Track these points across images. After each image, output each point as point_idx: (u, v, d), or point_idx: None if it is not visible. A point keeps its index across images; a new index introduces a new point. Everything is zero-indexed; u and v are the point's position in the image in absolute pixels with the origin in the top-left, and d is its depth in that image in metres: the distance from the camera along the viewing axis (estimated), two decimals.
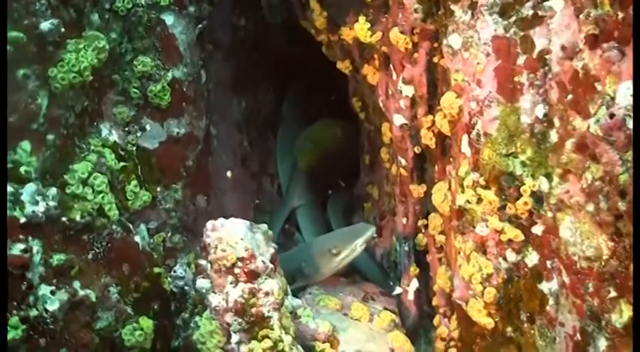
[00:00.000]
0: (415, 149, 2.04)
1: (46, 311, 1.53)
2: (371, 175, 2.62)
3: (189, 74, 2.07)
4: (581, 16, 1.36)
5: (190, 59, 2.08)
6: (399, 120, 2.04)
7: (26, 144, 1.63)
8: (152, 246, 1.96)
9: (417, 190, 2.10)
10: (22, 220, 1.53)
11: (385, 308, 2.06)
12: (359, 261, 2.31)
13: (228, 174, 2.45)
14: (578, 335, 1.47)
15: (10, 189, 1.55)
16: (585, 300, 1.42)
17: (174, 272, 1.92)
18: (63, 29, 1.68)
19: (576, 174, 1.42)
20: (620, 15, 1.27)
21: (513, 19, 1.55)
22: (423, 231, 2.15)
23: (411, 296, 2.18)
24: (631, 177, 1.25)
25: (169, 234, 2.03)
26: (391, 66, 2.00)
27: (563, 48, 1.42)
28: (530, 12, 1.52)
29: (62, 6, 1.72)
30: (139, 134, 1.98)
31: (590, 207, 1.37)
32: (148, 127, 2.00)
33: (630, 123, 1.24)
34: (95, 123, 1.88)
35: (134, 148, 1.97)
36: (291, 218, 2.72)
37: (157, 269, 1.87)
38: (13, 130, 1.60)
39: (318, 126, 2.80)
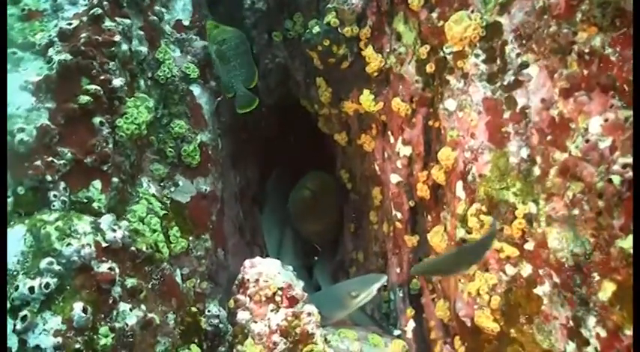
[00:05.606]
0: (410, 203, 2.53)
1: (127, 325, 1.79)
2: (355, 241, 3.06)
3: (212, 139, 2.51)
4: (555, 75, 1.97)
5: (212, 126, 2.53)
6: (395, 178, 2.54)
7: (97, 183, 1.98)
8: (185, 290, 2.24)
9: (411, 240, 2.57)
10: (104, 245, 1.83)
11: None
12: (354, 315, 2.67)
13: None
14: (570, 322, 1.91)
15: (89, 219, 1.87)
16: (575, 292, 1.89)
17: (209, 311, 2.20)
18: (126, 87, 2.10)
19: (559, 195, 1.96)
20: (586, 72, 1.88)
21: (498, 84, 2.13)
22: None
23: (409, 335, 2.56)
24: (609, 184, 1.79)
25: (198, 281, 2.32)
26: (389, 132, 2.54)
27: (542, 100, 2.01)
28: (512, 78, 2.09)
29: (122, 69, 2.14)
30: (172, 189, 2.35)
31: (576, 211, 1.88)
32: (180, 183, 2.38)
33: (601, 145, 1.81)
34: (139, 177, 2.23)
35: (168, 202, 2.32)
36: None
37: (193, 309, 2.17)
38: (89, 169, 1.95)
39: (312, 174, 3.20)
